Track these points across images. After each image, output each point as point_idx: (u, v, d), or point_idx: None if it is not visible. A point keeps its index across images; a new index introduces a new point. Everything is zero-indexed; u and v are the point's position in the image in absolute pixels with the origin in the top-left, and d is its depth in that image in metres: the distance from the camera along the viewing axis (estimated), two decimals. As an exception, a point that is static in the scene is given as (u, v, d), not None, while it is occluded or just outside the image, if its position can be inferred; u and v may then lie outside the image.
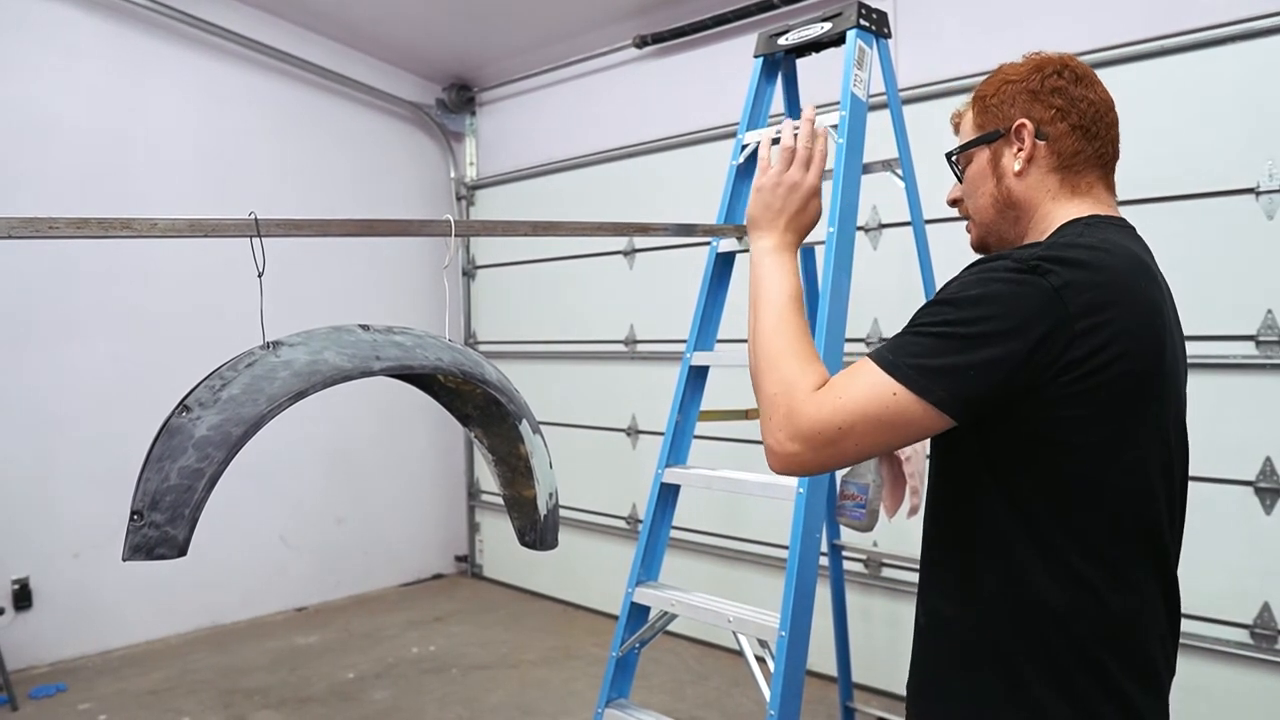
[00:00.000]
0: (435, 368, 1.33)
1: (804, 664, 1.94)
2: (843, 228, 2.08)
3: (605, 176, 4.70)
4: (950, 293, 1.09)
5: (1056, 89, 1.24)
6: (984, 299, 1.05)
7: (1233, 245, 2.76)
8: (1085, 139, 1.23)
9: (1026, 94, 1.26)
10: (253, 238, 1.18)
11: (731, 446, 3.86)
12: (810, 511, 1.97)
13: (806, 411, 1.09)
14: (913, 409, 1.05)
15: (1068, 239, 1.14)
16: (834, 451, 1.09)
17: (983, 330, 1.03)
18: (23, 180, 3.92)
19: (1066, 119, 1.23)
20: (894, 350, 1.08)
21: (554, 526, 1.53)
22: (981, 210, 1.34)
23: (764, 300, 1.28)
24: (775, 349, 1.20)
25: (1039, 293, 1.04)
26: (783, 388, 1.14)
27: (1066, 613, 1.09)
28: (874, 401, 1.06)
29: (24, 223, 1.05)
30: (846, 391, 1.08)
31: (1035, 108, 1.25)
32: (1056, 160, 1.24)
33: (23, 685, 3.77)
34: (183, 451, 1.09)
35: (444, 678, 3.92)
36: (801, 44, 2.36)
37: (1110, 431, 1.09)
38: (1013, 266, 1.07)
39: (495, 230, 1.55)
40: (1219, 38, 2.79)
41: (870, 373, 1.08)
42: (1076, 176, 1.24)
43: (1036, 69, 1.26)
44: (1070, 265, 1.05)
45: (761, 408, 1.16)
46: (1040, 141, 1.24)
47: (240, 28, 4.52)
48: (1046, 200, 1.25)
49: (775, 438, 1.12)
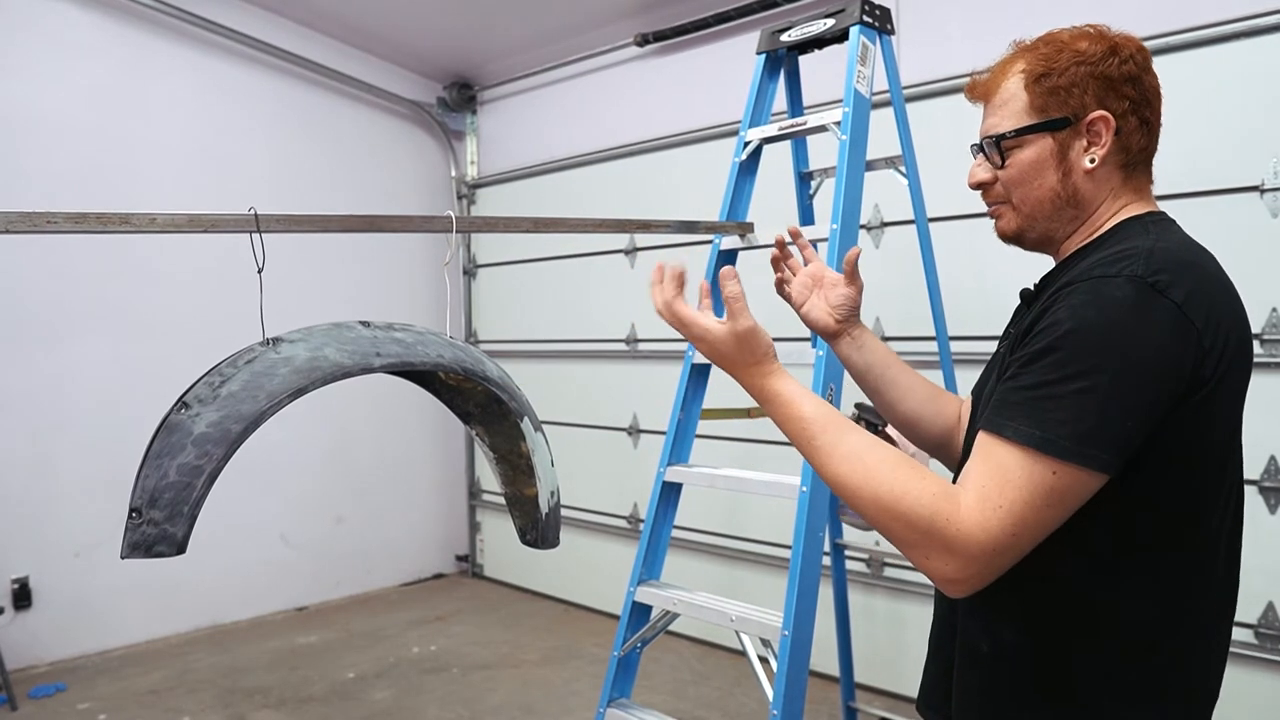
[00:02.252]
0: (436, 365, 1.32)
1: (807, 664, 1.93)
2: (845, 226, 2.07)
3: (607, 175, 4.69)
4: (1064, 331, 0.98)
5: (1131, 77, 1.13)
6: (1112, 333, 0.96)
7: (1237, 243, 2.75)
8: (1150, 135, 1.14)
9: (1102, 80, 1.13)
10: (252, 233, 1.17)
11: (734, 445, 3.85)
12: (813, 511, 1.96)
13: (969, 538, 0.95)
14: (1078, 482, 0.96)
15: (1159, 243, 1.05)
16: (1013, 555, 0.97)
17: (1126, 373, 0.95)
18: (23, 179, 3.91)
19: (1138, 113, 1.12)
20: (1034, 421, 0.96)
21: (555, 525, 1.52)
22: (1034, 203, 1.18)
23: (807, 445, 1.10)
24: (869, 490, 1.02)
25: (1169, 315, 0.96)
26: (920, 528, 0.98)
27: (1146, 637, 1.04)
28: (1037, 493, 0.95)
29: (22, 217, 1.04)
30: (1003, 495, 0.95)
31: (1109, 97, 1.12)
32: (1125, 157, 1.14)
33: (22, 685, 3.76)
34: (181, 448, 1.08)
35: (444, 677, 3.91)
36: (804, 40, 2.35)
37: (1220, 439, 1.05)
38: (1128, 286, 0.97)
39: (496, 226, 1.54)
40: (1223, 35, 2.78)
41: (1018, 460, 0.96)
42: (1135, 175, 1.15)
43: (1112, 50, 1.14)
44: (1181, 275, 0.99)
45: (904, 550, 1.02)
46: (1115, 136, 1.12)
47: (241, 26, 4.51)
48: (1108, 198, 1.15)
49: (943, 573, 0.98)
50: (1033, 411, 0.97)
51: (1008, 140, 1.17)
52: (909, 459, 1.03)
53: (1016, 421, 0.97)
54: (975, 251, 3.26)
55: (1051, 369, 0.98)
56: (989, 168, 1.22)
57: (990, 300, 3.25)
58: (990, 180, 1.23)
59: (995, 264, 3.22)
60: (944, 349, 2.60)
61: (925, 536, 0.97)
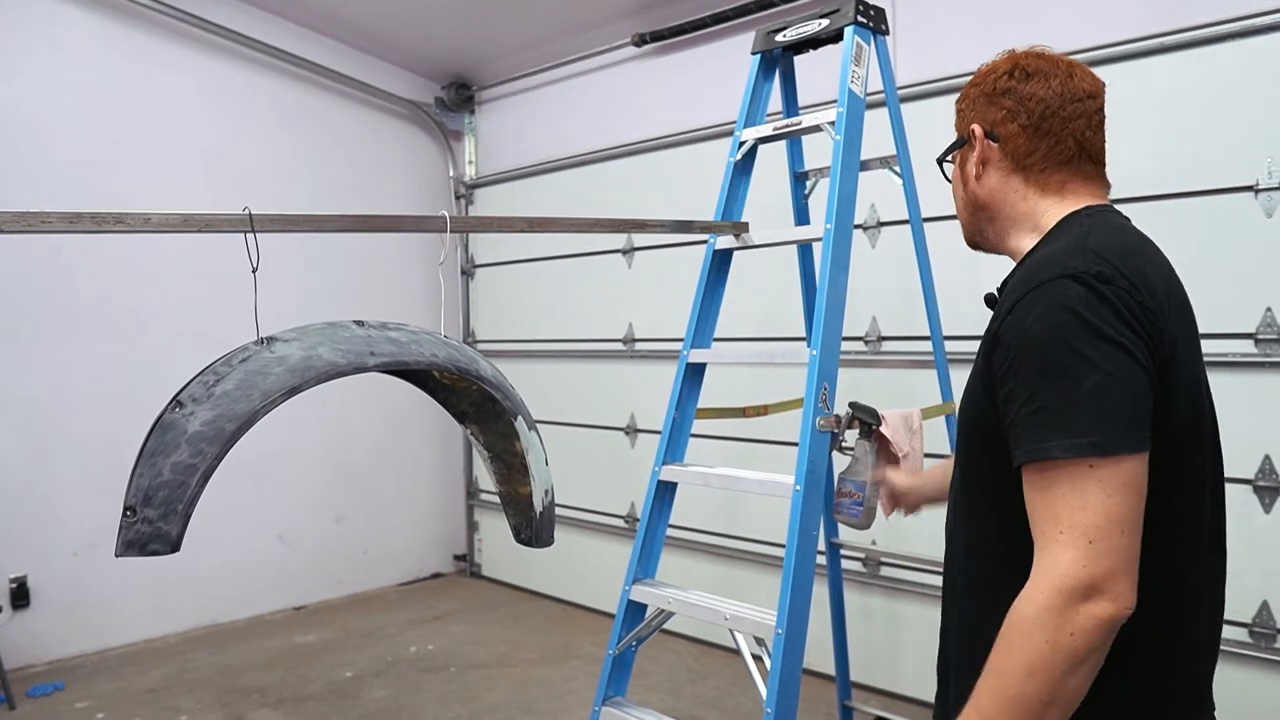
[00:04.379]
0: (430, 363, 1.32)
1: (801, 662, 1.93)
2: (840, 226, 2.08)
3: (604, 175, 4.69)
4: (1043, 341, 1.03)
5: (1007, 90, 1.23)
6: (1081, 330, 1.01)
7: (1232, 243, 2.76)
8: (1036, 138, 1.21)
9: (983, 97, 1.26)
10: (246, 233, 1.18)
11: (729, 444, 3.86)
12: (807, 510, 1.96)
13: (1078, 580, 0.97)
14: (1129, 469, 0.99)
15: (1090, 236, 1.11)
16: (1124, 552, 0.98)
17: (1115, 358, 1.00)
18: (22, 179, 3.91)
19: (1016, 119, 1.22)
20: (1066, 433, 0.99)
21: (550, 523, 1.53)
22: (959, 212, 1.36)
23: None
24: (1027, 675, 0.99)
25: (1119, 301, 1.02)
26: (1062, 630, 0.97)
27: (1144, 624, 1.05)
28: (1098, 498, 0.98)
29: (16, 217, 1.04)
30: (1073, 524, 0.98)
31: (989, 110, 1.25)
32: (1012, 162, 1.24)
33: (20, 684, 3.77)
34: (176, 447, 1.09)
35: (442, 676, 3.92)
36: (799, 41, 2.36)
37: (1184, 419, 1.08)
38: (1076, 285, 1.03)
39: (491, 226, 1.55)
40: (1219, 35, 2.78)
41: (1068, 480, 0.99)
42: (1042, 176, 1.22)
43: (991, 70, 1.27)
44: (1116, 263, 1.05)
45: (1093, 644, 0.99)
46: (992, 144, 1.25)
47: (240, 26, 4.51)
48: (1017, 202, 1.25)
49: (1108, 615, 0.97)
50: (1059, 424, 1.00)
51: (943, 162, 1.40)
52: (996, 649, 1.03)
53: (1048, 440, 1.00)
54: (970, 252, 3.26)
55: (1052, 380, 1.02)
56: None
57: (986, 300, 3.26)
58: None
59: (990, 264, 3.22)
60: (939, 349, 2.61)
61: (1065, 623, 0.97)
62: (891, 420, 2.24)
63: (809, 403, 2.00)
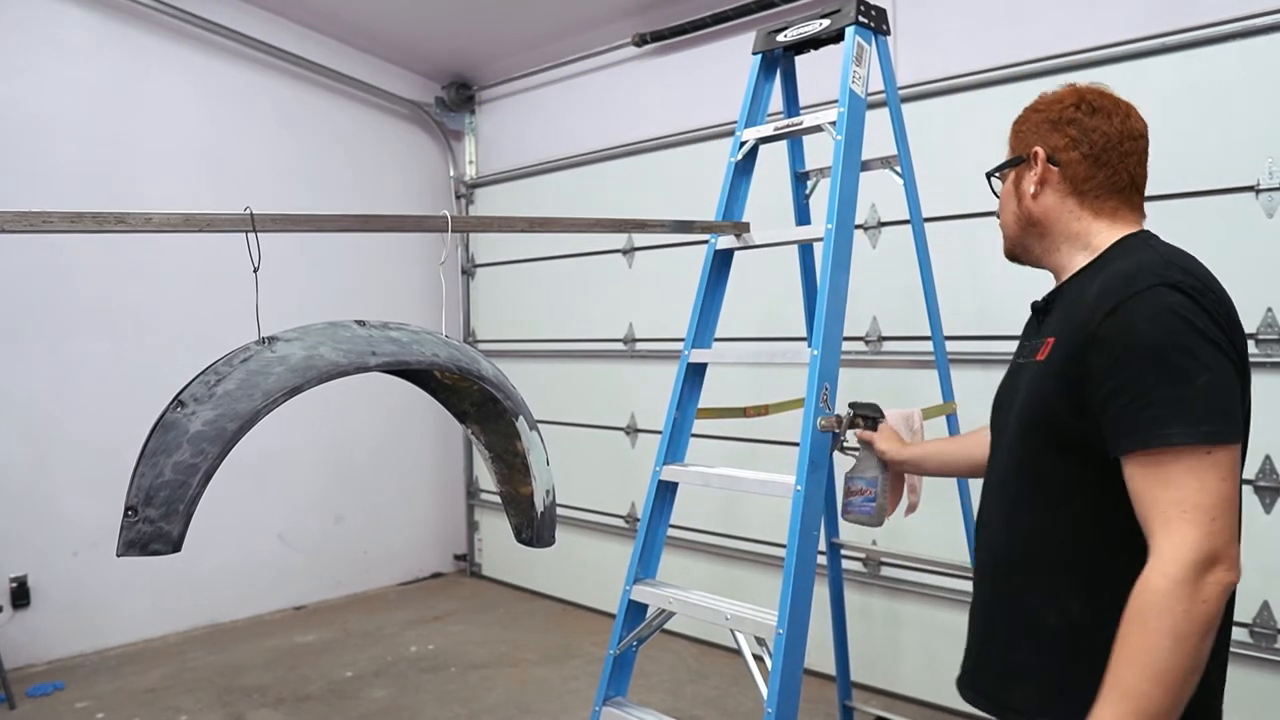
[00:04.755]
0: (431, 363, 1.32)
1: (802, 662, 1.93)
2: (841, 226, 2.08)
3: (605, 175, 4.69)
4: (1155, 344, 1.15)
5: (1072, 120, 1.37)
6: (1188, 331, 1.14)
7: (1232, 243, 2.75)
8: (1095, 166, 1.35)
9: (1047, 123, 1.40)
10: (248, 232, 1.18)
11: (730, 444, 3.86)
12: (808, 510, 1.96)
13: (1199, 554, 1.10)
14: (1236, 455, 1.14)
15: (1165, 254, 1.26)
16: (1237, 537, 1.15)
17: (1216, 356, 1.14)
18: (23, 179, 3.91)
19: (1078, 148, 1.36)
20: (1185, 422, 1.11)
21: (551, 523, 1.53)
22: (1007, 225, 1.48)
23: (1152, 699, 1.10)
24: (1173, 654, 1.09)
25: (1211, 307, 1.17)
26: (1189, 600, 1.09)
27: None
28: (1225, 482, 1.12)
29: (18, 217, 1.04)
30: (1206, 501, 1.11)
31: (1052, 136, 1.38)
32: (1070, 185, 1.37)
33: (20, 684, 3.76)
34: (177, 447, 1.09)
35: (442, 676, 3.92)
36: (800, 41, 2.36)
37: (1248, 407, 1.25)
38: (1174, 293, 1.17)
39: (492, 226, 1.55)
40: (1219, 35, 2.78)
41: (1185, 464, 1.12)
42: (1096, 201, 1.37)
43: (1058, 100, 1.41)
44: (1197, 276, 1.21)
45: (1212, 607, 1.11)
46: (1053, 167, 1.38)
47: (240, 26, 4.51)
48: (1070, 222, 1.38)
49: (1228, 583, 1.12)
50: (1178, 415, 1.12)
51: (994, 176, 1.51)
52: (1122, 634, 1.13)
53: (1169, 429, 1.12)
54: (971, 251, 3.27)
55: (1167, 375, 1.14)
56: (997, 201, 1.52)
57: (985, 300, 3.26)
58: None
59: (990, 264, 3.23)
60: (939, 349, 2.61)
61: (1199, 592, 1.09)
62: (892, 420, 2.24)
63: (810, 403, 2.00)
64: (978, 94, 3.27)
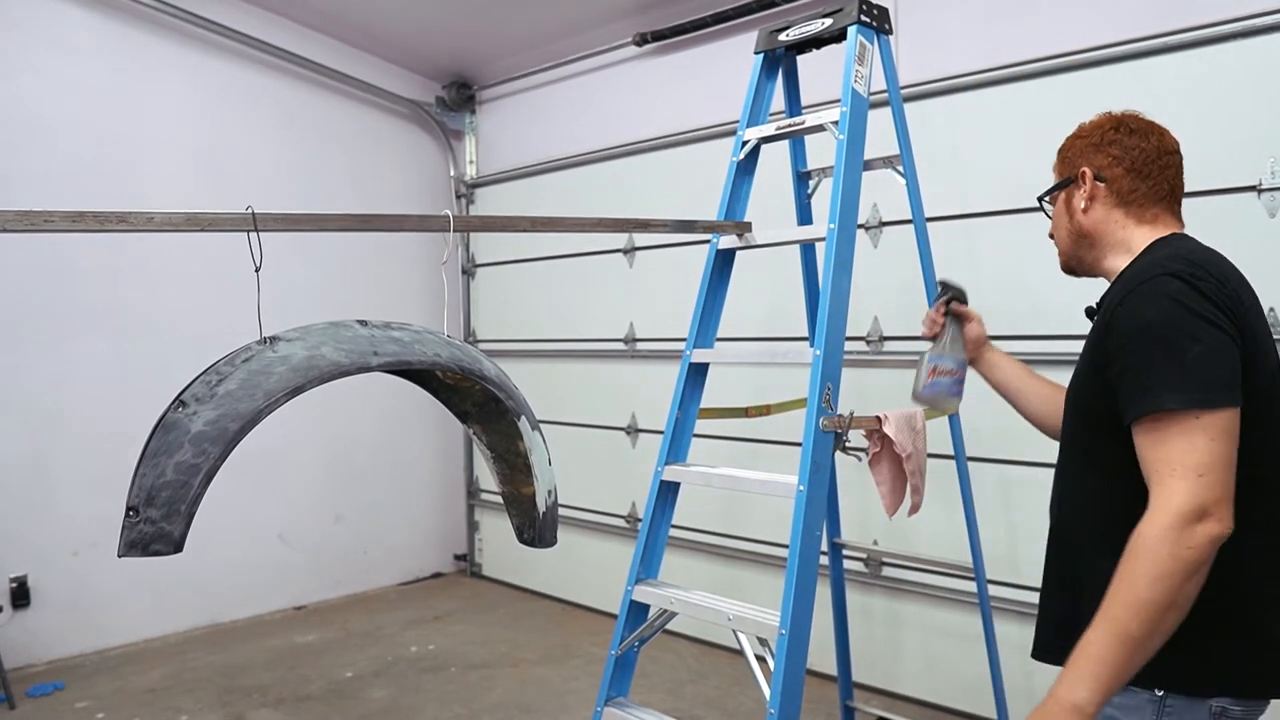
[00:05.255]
0: (433, 363, 1.32)
1: (804, 663, 1.93)
2: (843, 225, 2.07)
3: (606, 174, 4.69)
4: (1150, 321, 1.31)
5: (1113, 140, 1.56)
6: (1183, 311, 1.29)
7: (1235, 243, 2.72)
8: (1138, 179, 1.54)
9: (1090, 147, 1.58)
10: (249, 232, 1.17)
11: (732, 444, 3.86)
12: (810, 510, 1.96)
13: (1188, 506, 1.23)
14: (1226, 419, 1.26)
15: (1178, 249, 1.42)
16: (1224, 487, 1.24)
17: (1211, 332, 1.28)
18: (22, 179, 3.91)
19: (1121, 164, 1.54)
20: (1177, 389, 1.25)
21: (553, 524, 1.53)
22: (1061, 240, 1.65)
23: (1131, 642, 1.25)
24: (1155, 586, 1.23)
25: (1207, 289, 1.31)
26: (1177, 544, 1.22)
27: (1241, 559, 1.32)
28: (1202, 442, 1.24)
29: (19, 216, 1.04)
30: (1196, 460, 1.24)
31: (1096, 157, 1.57)
32: (1117, 198, 1.55)
33: (20, 684, 3.76)
34: (179, 447, 1.08)
35: (443, 676, 3.91)
36: (802, 40, 2.35)
37: (1263, 384, 1.34)
38: (1174, 281, 1.32)
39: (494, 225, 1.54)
40: (1221, 34, 2.78)
41: (1179, 429, 1.25)
42: (1140, 209, 1.55)
43: (1097, 126, 1.59)
44: (1199, 265, 1.35)
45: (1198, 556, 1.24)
46: (1100, 184, 1.56)
47: (241, 25, 4.51)
48: (1117, 230, 1.56)
49: (1217, 534, 1.23)
50: (1171, 384, 1.27)
51: (1045, 200, 1.69)
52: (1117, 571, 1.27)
53: (1161, 397, 1.27)
54: (972, 251, 3.27)
55: (1162, 351, 1.29)
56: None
57: (987, 300, 3.24)
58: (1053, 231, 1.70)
59: (993, 264, 3.23)
60: (941, 348, 2.60)
61: (1184, 539, 1.22)
62: (894, 420, 2.24)
63: (812, 402, 2.00)
64: (980, 93, 3.27)
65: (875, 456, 2.27)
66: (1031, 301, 3.11)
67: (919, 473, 2.28)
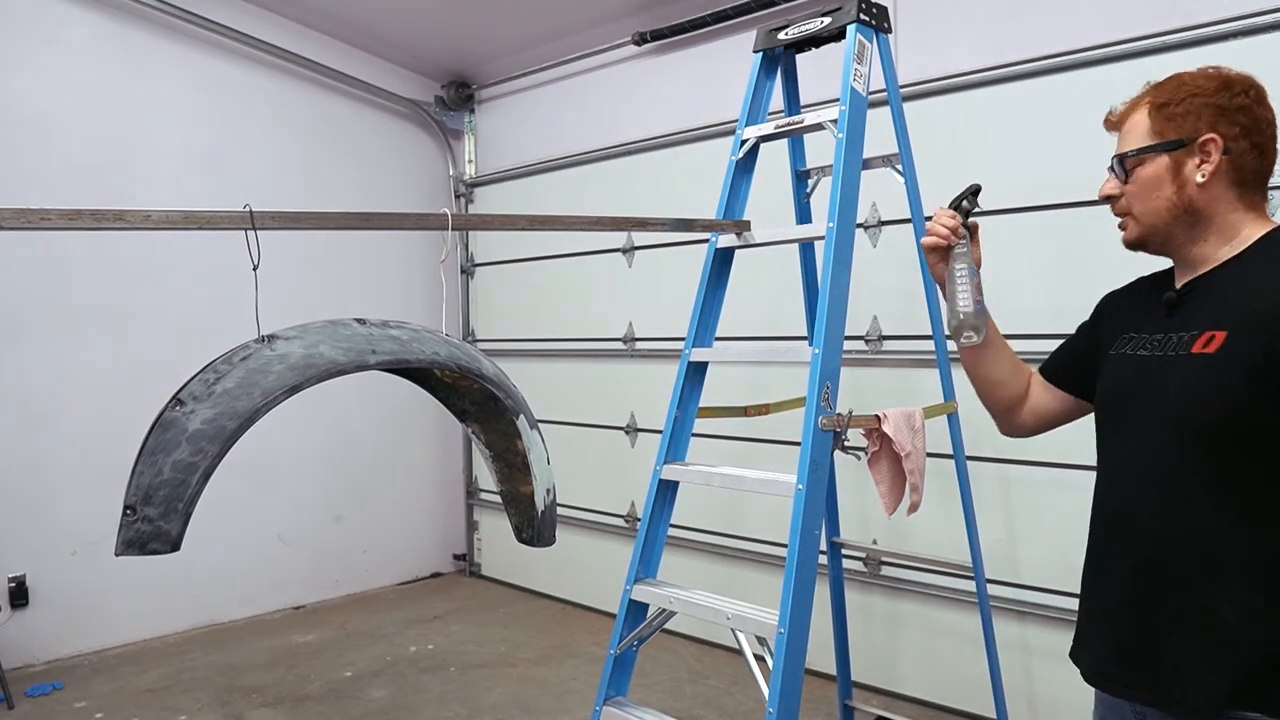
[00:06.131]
0: (432, 362, 1.32)
1: (803, 662, 1.93)
2: (842, 224, 2.07)
3: (605, 174, 4.69)
4: None
5: (1243, 107, 1.32)
6: None
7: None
8: (1262, 158, 1.34)
9: (1214, 109, 1.32)
10: (247, 230, 1.17)
11: (731, 444, 3.85)
12: (809, 509, 1.96)
13: None
14: None
15: None
16: None
17: None
18: (23, 179, 3.90)
19: (1249, 137, 1.32)
20: None
21: (551, 523, 1.53)
22: (1153, 213, 1.39)
23: None
24: None
25: None
26: None
27: None
28: None
29: (16, 214, 1.04)
30: None
31: (1221, 123, 1.32)
32: (1236, 175, 1.33)
33: (19, 684, 3.76)
34: (176, 445, 1.08)
35: (442, 676, 3.91)
36: (801, 39, 2.35)
37: None
38: None
39: (493, 224, 1.54)
40: (1221, 34, 2.78)
41: None
42: (1252, 192, 1.35)
43: (1225, 85, 1.33)
44: None
45: None
46: (1226, 156, 1.32)
47: (239, 24, 4.50)
48: (1228, 212, 1.35)
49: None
50: None
51: (1130, 159, 1.39)
52: None
53: None
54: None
55: None
56: (1117, 183, 1.43)
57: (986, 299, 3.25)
58: (1117, 194, 1.43)
59: (991, 263, 3.22)
60: (940, 348, 2.61)
61: None
62: (893, 419, 2.23)
63: (811, 402, 1.99)
64: (979, 92, 3.27)
65: (874, 455, 2.26)
66: (1032, 301, 3.11)
67: (918, 472, 2.28)
